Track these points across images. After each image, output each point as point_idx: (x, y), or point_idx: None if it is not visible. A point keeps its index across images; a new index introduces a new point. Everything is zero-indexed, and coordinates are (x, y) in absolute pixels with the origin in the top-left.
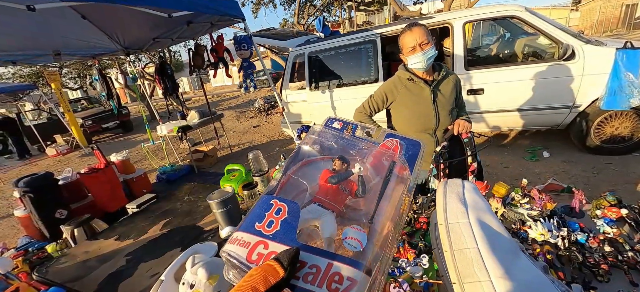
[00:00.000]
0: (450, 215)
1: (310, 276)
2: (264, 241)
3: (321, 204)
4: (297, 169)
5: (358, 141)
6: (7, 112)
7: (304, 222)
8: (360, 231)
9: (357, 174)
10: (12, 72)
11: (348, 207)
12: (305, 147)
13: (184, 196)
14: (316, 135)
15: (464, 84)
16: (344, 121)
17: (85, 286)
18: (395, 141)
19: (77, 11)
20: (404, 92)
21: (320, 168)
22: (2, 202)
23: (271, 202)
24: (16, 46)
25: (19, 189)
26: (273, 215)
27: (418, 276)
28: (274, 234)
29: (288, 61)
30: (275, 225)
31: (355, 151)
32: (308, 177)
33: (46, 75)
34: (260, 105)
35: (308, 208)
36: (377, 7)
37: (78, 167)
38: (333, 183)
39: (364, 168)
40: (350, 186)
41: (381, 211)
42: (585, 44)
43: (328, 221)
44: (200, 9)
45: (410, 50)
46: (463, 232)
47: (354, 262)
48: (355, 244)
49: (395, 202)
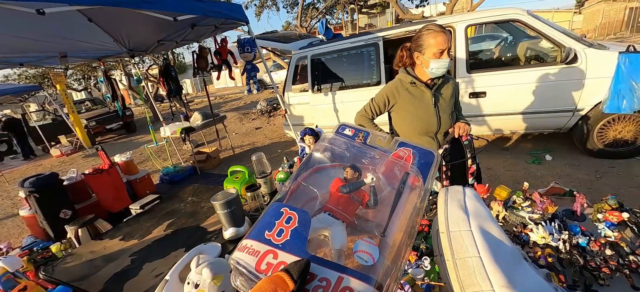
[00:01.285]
0: (451, 223)
1: (320, 289)
2: (274, 251)
3: (332, 214)
4: (307, 175)
5: (369, 150)
6: (13, 113)
7: (313, 231)
8: (372, 245)
9: (369, 185)
10: (18, 73)
11: (359, 218)
12: (317, 154)
13: (188, 197)
14: (327, 142)
15: (466, 87)
16: (355, 128)
17: (92, 285)
18: (408, 151)
19: (83, 14)
20: (405, 95)
21: (331, 176)
22: (7, 202)
23: (281, 210)
24: (23, 48)
25: (25, 189)
26: (283, 224)
27: (420, 278)
28: (283, 243)
29: (291, 64)
30: (285, 234)
31: (366, 160)
32: (318, 184)
33: (52, 76)
34: (263, 107)
35: (318, 217)
36: (380, 10)
37: (82, 167)
38: (345, 193)
39: (376, 178)
40: (361, 196)
41: (394, 223)
42: (588, 48)
43: (338, 232)
44: (205, 13)
45: (438, 54)
46: (465, 240)
47: (365, 277)
48: (367, 258)
49: (408, 214)
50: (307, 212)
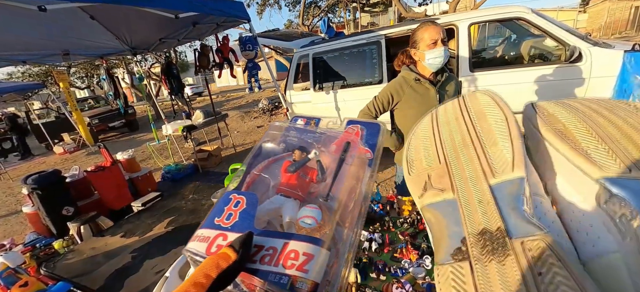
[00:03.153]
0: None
1: (267, 257)
2: (223, 233)
3: (284, 194)
4: (262, 168)
5: (321, 133)
6: (16, 111)
7: (268, 213)
8: (315, 209)
9: (315, 159)
10: (22, 71)
11: (311, 193)
12: (268, 145)
13: (189, 195)
14: (279, 133)
15: (469, 85)
16: (307, 117)
17: (93, 281)
18: (357, 127)
19: (85, 12)
20: (409, 92)
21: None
22: (10, 199)
23: (230, 196)
24: (26, 46)
25: (28, 186)
26: (232, 208)
27: (421, 277)
28: (232, 225)
29: (292, 62)
30: (234, 217)
31: (319, 143)
32: (273, 174)
33: (55, 74)
34: (264, 105)
35: (271, 199)
36: (382, 9)
37: (84, 165)
38: (291, 171)
39: (319, 153)
40: (311, 173)
41: (337, 188)
42: (593, 46)
43: (288, 207)
44: (207, 11)
45: (431, 45)
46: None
47: (311, 239)
48: (310, 221)
49: (351, 179)
50: (254, 193)
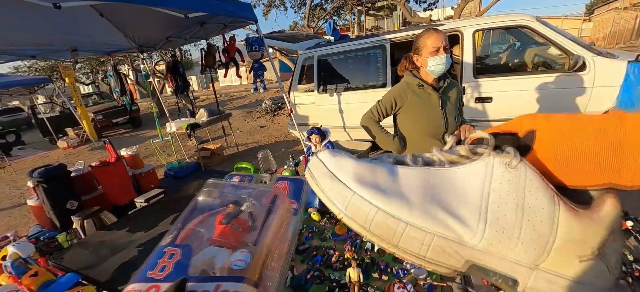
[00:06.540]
0: (336, 199)
1: None
2: (156, 285)
3: (217, 245)
4: (198, 222)
5: (253, 188)
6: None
7: (203, 262)
8: (244, 252)
9: (246, 211)
10: (28, 65)
11: (242, 242)
12: (201, 198)
13: (192, 193)
14: (216, 189)
15: (473, 92)
16: (242, 175)
17: (99, 273)
18: (285, 182)
19: (95, 9)
20: (412, 97)
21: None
22: (14, 192)
23: (165, 250)
24: (36, 41)
25: (33, 179)
26: (166, 260)
27: (422, 277)
28: (166, 276)
29: (297, 63)
30: (168, 268)
31: (250, 197)
32: (208, 227)
33: (61, 69)
34: (268, 106)
35: (204, 251)
36: (387, 12)
37: (88, 160)
38: (225, 224)
39: (251, 205)
40: (243, 224)
41: (265, 234)
42: (597, 56)
43: (221, 256)
44: (216, 11)
45: (434, 52)
46: (359, 207)
47: (239, 278)
48: (240, 263)
49: (278, 226)
50: (188, 245)
